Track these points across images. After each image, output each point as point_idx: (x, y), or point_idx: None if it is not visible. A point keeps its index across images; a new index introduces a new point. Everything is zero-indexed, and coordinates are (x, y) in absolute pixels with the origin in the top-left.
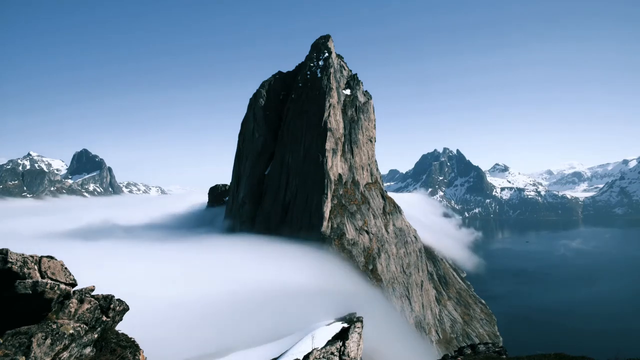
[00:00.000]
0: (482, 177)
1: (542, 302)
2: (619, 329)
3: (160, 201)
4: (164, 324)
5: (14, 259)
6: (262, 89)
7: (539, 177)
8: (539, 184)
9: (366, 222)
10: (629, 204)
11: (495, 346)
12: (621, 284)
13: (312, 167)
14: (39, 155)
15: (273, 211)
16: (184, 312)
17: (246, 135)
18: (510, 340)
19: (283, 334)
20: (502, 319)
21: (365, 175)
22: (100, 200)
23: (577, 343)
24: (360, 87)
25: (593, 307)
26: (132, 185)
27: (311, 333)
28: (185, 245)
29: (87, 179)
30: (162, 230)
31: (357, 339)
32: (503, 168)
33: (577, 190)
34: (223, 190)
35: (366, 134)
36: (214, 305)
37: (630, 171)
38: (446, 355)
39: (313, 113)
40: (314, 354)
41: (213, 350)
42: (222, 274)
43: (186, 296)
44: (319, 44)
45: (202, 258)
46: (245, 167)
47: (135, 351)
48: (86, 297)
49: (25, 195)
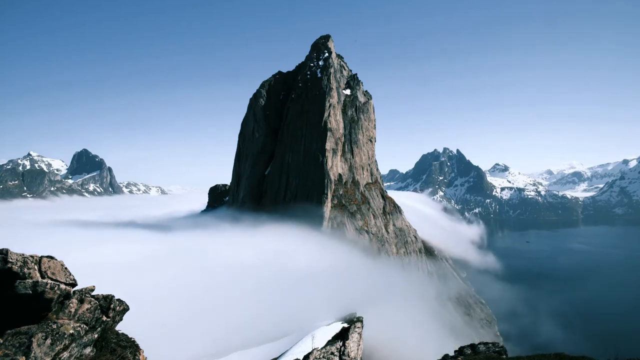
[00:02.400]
0: (482, 177)
1: (542, 301)
2: (619, 329)
3: (161, 201)
4: (165, 323)
5: (14, 259)
6: (262, 89)
7: (539, 177)
8: (539, 184)
9: (366, 222)
10: (629, 204)
11: (495, 346)
12: (621, 284)
13: (312, 167)
14: (39, 155)
15: (273, 211)
16: (184, 312)
17: (246, 135)
18: (510, 340)
19: (283, 334)
20: (502, 319)
21: (365, 175)
22: (100, 200)
23: (577, 343)
24: (360, 87)
25: (593, 307)
26: (132, 185)
27: (311, 333)
28: (185, 245)
29: (87, 179)
30: (162, 230)
31: (357, 339)
32: (503, 168)
33: (577, 190)
34: (223, 190)
35: (366, 134)
36: (214, 304)
37: (630, 171)
38: (446, 355)
39: (313, 113)
40: (314, 354)
41: (213, 350)
42: (222, 274)
43: (186, 296)
44: (319, 44)
45: (201, 257)
46: (245, 167)
47: (135, 351)
48: (86, 297)
49: (25, 196)
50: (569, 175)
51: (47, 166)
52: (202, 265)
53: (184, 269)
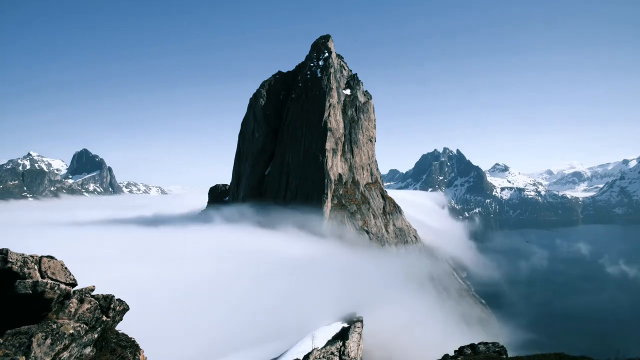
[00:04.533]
0: (482, 177)
1: (543, 301)
2: (619, 329)
3: (161, 201)
4: (165, 323)
5: (14, 258)
6: (262, 88)
7: (539, 177)
8: (539, 184)
9: (366, 222)
10: (629, 204)
11: (496, 346)
12: (621, 284)
13: (312, 167)
14: (39, 155)
15: (273, 211)
16: (184, 312)
17: (246, 135)
18: (511, 340)
19: (283, 334)
20: (502, 319)
21: (365, 175)
22: (100, 200)
23: (577, 343)
24: (360, 87)
25: (593, 307)
26: (132, 185)
27: (311, 333)
28: (184, 244)
29: (87, 179)
30: (162, 229)
31: (357, 339)
32: (503, 168)
33: (577, 190)
34: (223, 190)
35: (366, 133)
36: (214, 304)
37: (630, 171)
38: (446, 355)
39: (313, 113)
40: (314, 354)
41: (213, 350)
42: (222, 274)
43: (186, 296)
44: (319, 44)
45: (201, 257)
46: (245, 167)
47: (135, 351)
48: (86, 297)
49: (26, 195)
50: (569, 175)
51: (47, 166)
52: (202, 266)
53: (184, 269)
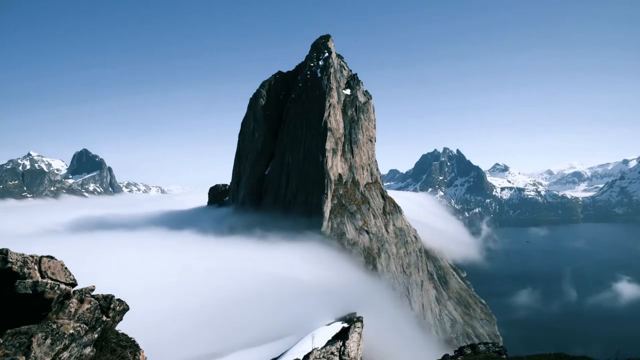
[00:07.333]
0: (482, 177)
1: (542, 301)
2: (619, 329)
3: (161, 201)
4: (165, 323)
5: (14, 258)
6: (262, 88)
7: (539, 177)
8: (539, 184)
9: (366, 222)
10: (629, 204)
11: (496, 346)
12: (621, 284)
13: (312, 167)
14: (39, 155)
15: (273, 211)
16: (184, 312)
17: (246, 135)
18: (511, 340)
19: (283, 334)
20: (502, 319)
21: (365, 175)
22: (100, 200)
23: (577, 343)
24: (360, 87)
25: (593, 307)
26: (132, 185)
27: (311, 333)
28: (184, 244)
29: (87, 179)
30: (161, 228)
31: (357, 339)
32: (503, 168)
33: (577, 190)
34: (223, 190)
35: (366, 133)
36: (214, 305)
37: (630, 171)
38: (446, 355)
39: (313, 113)
40: (314, 354)
41: (213, 350)
42: (223, 274)
43: (186, 296)
44: (319, 44)
45: (201, 257)
46: (245, 167)
47: (135, 351)
48: (86, 297)
49: (26, 195)
50: (569, 175)
51: (47, 166)
52: (202, 266)
53: (183, 270)
